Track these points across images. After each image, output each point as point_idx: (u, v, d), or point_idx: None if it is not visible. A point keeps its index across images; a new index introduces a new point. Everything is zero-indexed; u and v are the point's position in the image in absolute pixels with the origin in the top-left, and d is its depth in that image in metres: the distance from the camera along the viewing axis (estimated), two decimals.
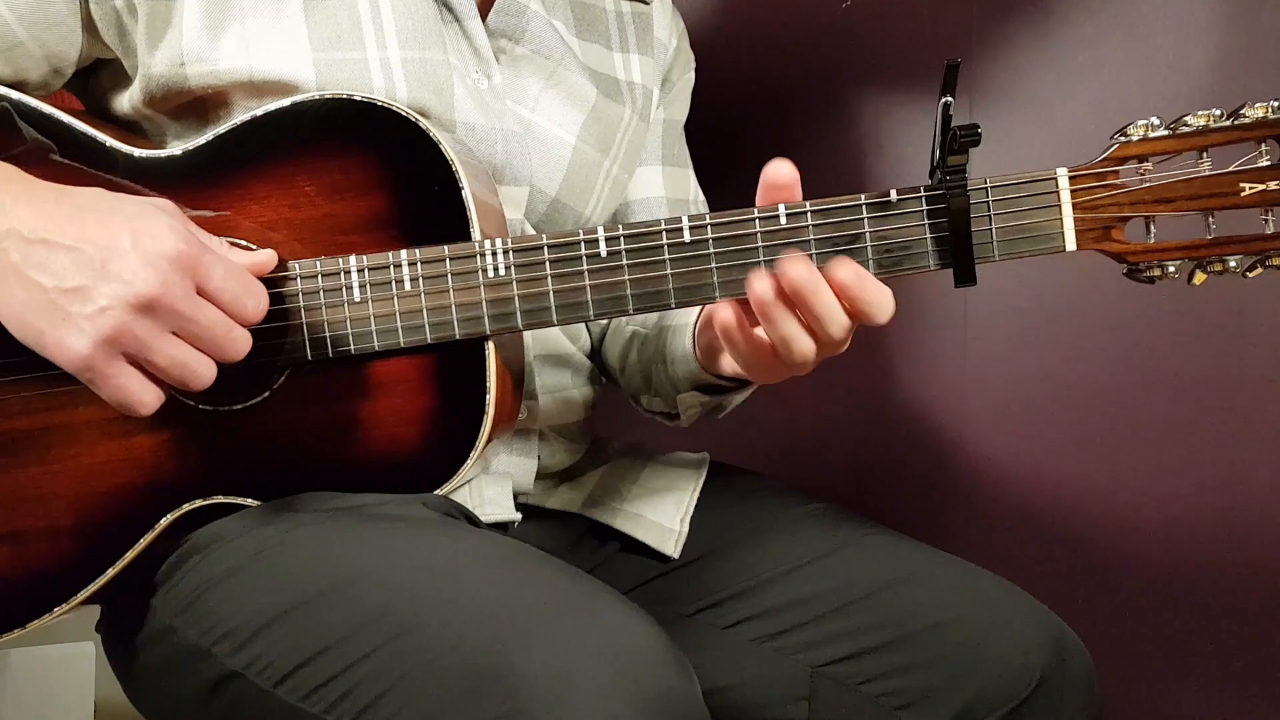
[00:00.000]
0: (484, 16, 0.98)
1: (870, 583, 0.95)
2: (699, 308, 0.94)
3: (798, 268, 0.79)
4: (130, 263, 0.72)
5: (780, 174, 0.83)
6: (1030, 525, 1.31)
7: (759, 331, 0.83)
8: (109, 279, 0.72)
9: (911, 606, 0.93)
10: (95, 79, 0.96)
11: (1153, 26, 1.19)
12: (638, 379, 1.07)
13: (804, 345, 0.81)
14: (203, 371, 0.76)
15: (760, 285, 0.79)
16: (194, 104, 0.90)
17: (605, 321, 1.14)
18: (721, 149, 1.27)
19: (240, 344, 0.77)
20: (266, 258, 0.83)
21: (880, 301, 0.80)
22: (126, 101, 0.93)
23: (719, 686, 0.94)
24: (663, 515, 1.05)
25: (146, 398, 0.76)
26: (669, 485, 1.07)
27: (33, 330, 0.74)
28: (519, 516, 0.99)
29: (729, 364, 0.89)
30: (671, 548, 1.03)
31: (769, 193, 0.84)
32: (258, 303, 0.78)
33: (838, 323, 0.80)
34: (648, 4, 1.13)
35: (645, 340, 1.06)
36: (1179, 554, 1.23)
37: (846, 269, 0.79)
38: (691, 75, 1.20)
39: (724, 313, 0.82)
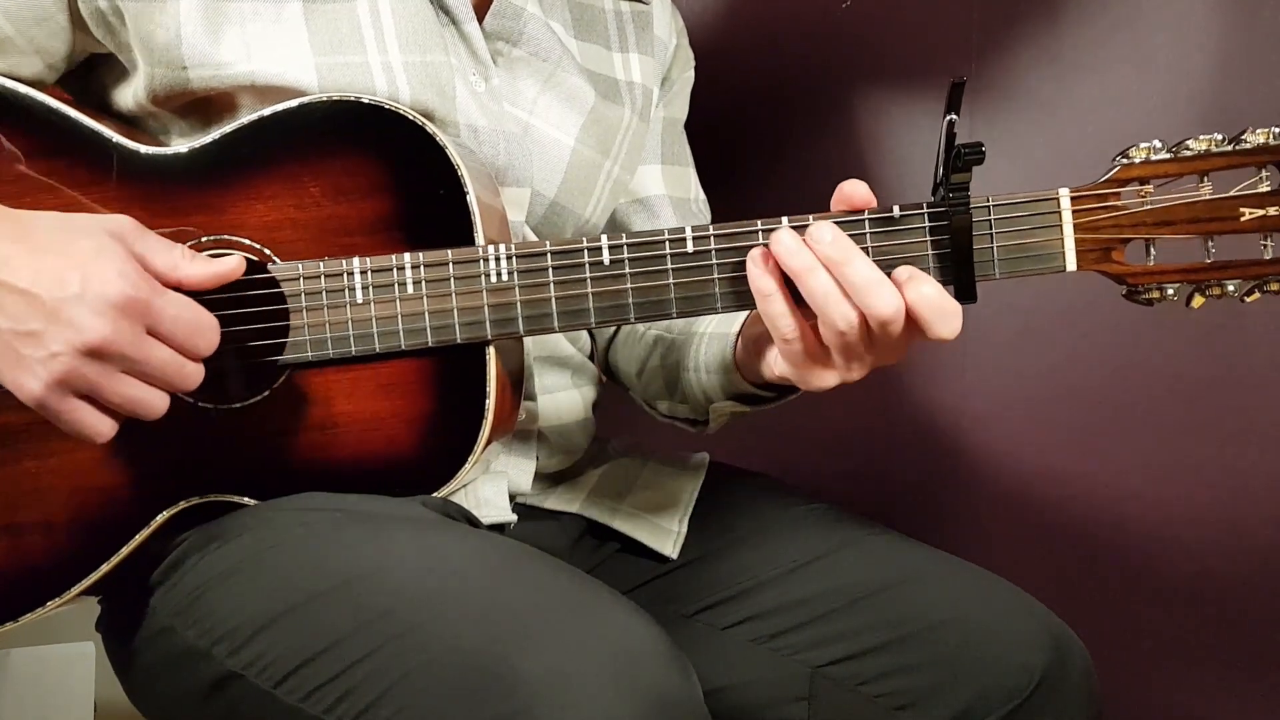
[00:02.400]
0: (480, 19, 0.98)
1: (870, 583, 0.95)
2: (743, 315, 0.93)
3: (823, 231, 0.79)
4: (79, 310, 0.74)
5: (855, 195, 0.83)
6: (1030, 525, 1.31)
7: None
8: (60, 325, 0.74)
9: (911, 607, 0.93)
10: (95, 76, 0.96)
11: (1153, 27, 1.19)
12: (658, 384, 1.07)
13: (843, 310, 0.78)
14: (156, 404, 0.78)
15: (785, 235, 0.80)
16: (199, 104, 0.90)
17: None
18: (722, 149, 1.27)
19: (192, 378, 0.79)
20: (231, 267, 0.82)
21: (938, 302, 0.78)
22: (130, 98, 0.93)
23: (719, 687, 0.94)
24: (662, 515, 1.05)
25: (101, 428, 0.78)
26: (668, 485, 1.07)
27: None
28: (514, 519, 0.99)
29: (775, 363, 0.86)
30: (670, 548, 1.03)
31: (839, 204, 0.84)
32: (209, 340, 0.79)
33: (879, 294, 0.78)
34: (647, 3, 1.13)
35: (671, 345, 1.05)
36: (1179, 554, 1.23)
37: (903, 269, 0.80)
38: (691, 74, 1.19)
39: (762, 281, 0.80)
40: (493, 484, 0.99)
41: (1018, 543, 1.31)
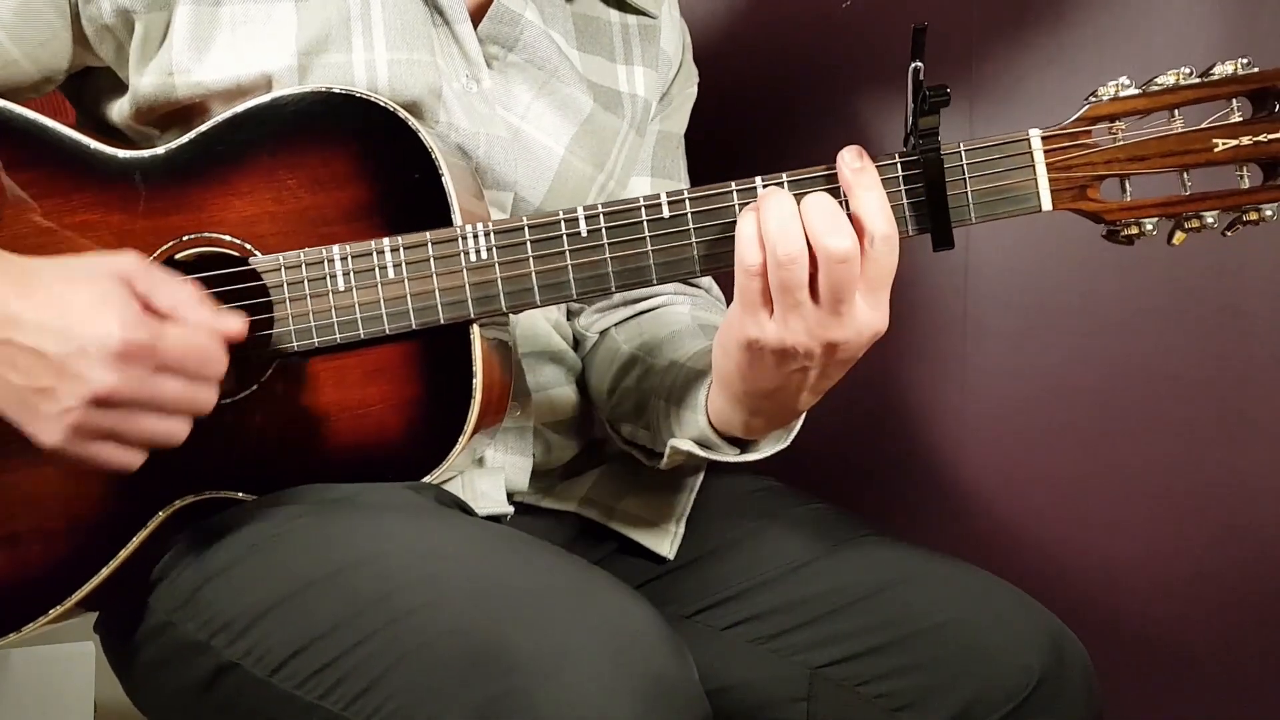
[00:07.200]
0: (477, 22, 0.98)
1: (869, 584, 0.94)
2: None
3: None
4: (84, 364, 0.75)
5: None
6: (1029, 526, 1.31)
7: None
8: (68, 379, 0.75)
9: (910, 607, 0.93)
10: (91, 81, 0.97)
11: (1153, 26, 1.19)
12: (628, 406, 1.05)
13: (795, 248, 0.77)
14: (176, 432, 0.79)
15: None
16: (179, 113, 0.91)
17: (592, 335, 1.13)
18: (721, 149, 1.27)
19: (205, 402, 0.79)
20: (237, 328, 0.81)
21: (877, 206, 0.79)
22: (116, 112, 0.94)
23: (718, 687, 0.94)
24: (659, 515, 1.04)
25: (128, 460, 0.79)
26: (666, 485, 1.07)
27: (13, 417, 0.77)
28: (511, 510, 0.99)
29: (727, 331, 0.85)
30: (667, 548, 1.03)
31: None
32: (218, 366, 0.79)
33: (834, 232, 0.77)
34: (655, 16, 1.13)
35: (649, 369, 1.03)
36: (1178, 554, 1.22)
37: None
38: (694, 90, 1.18)
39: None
40: (490, 478, 0.99)
41: (1017, 543, 1.31)
